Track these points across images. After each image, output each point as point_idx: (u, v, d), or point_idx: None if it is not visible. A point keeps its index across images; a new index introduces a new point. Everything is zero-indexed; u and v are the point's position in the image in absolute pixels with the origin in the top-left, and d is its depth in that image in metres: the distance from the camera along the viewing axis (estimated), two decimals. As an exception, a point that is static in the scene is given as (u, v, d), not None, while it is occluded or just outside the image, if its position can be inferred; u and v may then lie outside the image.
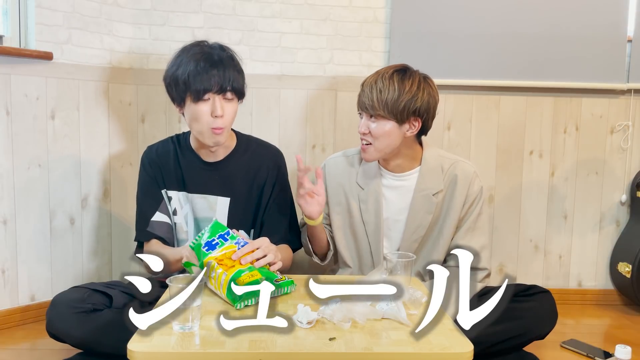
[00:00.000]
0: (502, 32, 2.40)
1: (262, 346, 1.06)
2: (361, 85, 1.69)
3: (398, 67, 1.67)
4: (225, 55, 1.59)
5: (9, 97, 2.03)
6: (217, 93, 1.54)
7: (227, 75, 1.54)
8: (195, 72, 1.53)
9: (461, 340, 1.12)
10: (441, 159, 1.75)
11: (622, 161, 2.52)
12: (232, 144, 1.72)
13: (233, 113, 1.59)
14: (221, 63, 1.55)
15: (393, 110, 1.61)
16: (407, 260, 1.40)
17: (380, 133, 1.64)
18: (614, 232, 2.55)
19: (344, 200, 1.78)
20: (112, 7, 2.28)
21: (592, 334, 2.20)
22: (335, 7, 2.39)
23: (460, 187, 1.72)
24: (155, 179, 1.70)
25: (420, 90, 1.62)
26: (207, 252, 1.35)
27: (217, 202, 1.69)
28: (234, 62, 1.59)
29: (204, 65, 1.53)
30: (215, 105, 1.54)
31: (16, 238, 2.09)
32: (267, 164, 1.73)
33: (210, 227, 1.41)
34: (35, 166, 2.12)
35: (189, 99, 1.56)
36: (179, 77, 1.55)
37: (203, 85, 1.52)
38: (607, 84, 2.43)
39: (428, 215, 1.73)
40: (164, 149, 1.73)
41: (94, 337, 1.46)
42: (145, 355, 1.04)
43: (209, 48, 1.59)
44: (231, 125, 1.63)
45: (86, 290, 1.53)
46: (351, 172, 1.79)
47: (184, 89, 1.55)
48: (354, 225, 1.79)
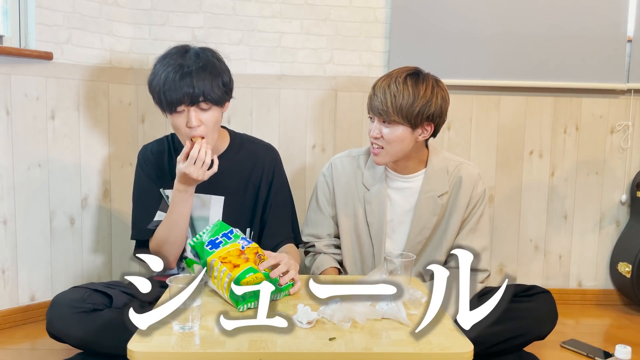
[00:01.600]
0: (503, 32, 2.40)
1: (262, 346, 1.06)
2: (372, 88, 1.66)
3: (410, 71, 1.64)
4: (199, 64, 1.52)
5: (9, 97, 2.03)
6: (190, 105, 1.51)
7: (198, 87, 1.49)
8: (165, 85, 1.50)
9: (461, 340, 1.12)
10: (446, 160, 1.75)
11: (622, 161, 2.52)
12: (224, 144, 1.71)
13: (213, 120, 1.56)
14: (191, 74, 1.50)
15: (407, 115, 1.59)
16: (407, 261, 1.40)
17: (393, 138, 1.62)
18: (614, 232, 2.55)
19: (350, 200, 1.78)
20: (112, 7, 2.28)
21: (592, 334, 2.20)
22: (335, 7, 2.39)
23: (464, 189, 1.72)
24: (152, 177, 1.70)
25: (434, 95, 1.61)
26: (211, 250, 1.34)
27: (211, 201, 1.68)
28: (207, 70, 1.53)
29: (173, 77, 1.50)
30: (189, 116, 1.52)
31: (16, 238, 2.09)
32: (262, 162, 1.72)
33: (214, 226, 1.40)
34: (35, 166, 2.12)
35: (169, 112, 1.55)
36: (154, 89, 1.55)
37: (173, 98, 1.50)
38: (607, 84, 2.43)
39: (433, 216, 1.73)
40: (158, 148, 1.73)
41: (94, 337, 1.46)
42: (145, 355, 1.04)
43: (181, 58, 1.54)
44: (215, 131, 1.60)
45: (86, 290, 1.53)
46: (357, 173, 1.78)
47: (158, 100, 1.55)
48: (357, 226, 1.79)
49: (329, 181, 1.81)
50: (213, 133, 1.58)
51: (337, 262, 1.81)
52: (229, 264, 1.31)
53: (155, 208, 1.68)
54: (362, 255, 1.81)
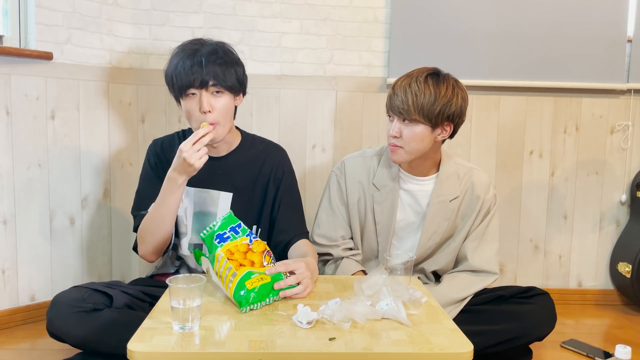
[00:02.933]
0: (503, 32, 2.40)
1: (262, 346, 1.06)
2: (392, 88, 1.66)
3: (430, 70, 1.64)
4: (209, 50, 1.57)
5: (9, 97, 2.03)
6: (200, 88, 1.54)
7: (208, 70, 1.54)
8: (177, 69, 1.56)
9: (461, 340, 1.12)
10: (457, 166, 1.76)
11: (622, 161, 2.52)
12: (236, 141, 1.73)
13: (225, 107, 1.58)
14: (202, 58, 1.54)
15: (428, 114, 1.59)
16: (407, 261, 1.40)
17: (413, 137, 1.62)
18: (614, 232, 2.55)
19: (361, 199, 1.78)
20: (112, 7, 2.28)
21: (592, 334, 2.20)
22: (335, 7, 2.39)
23: (475, 195, 1.73)
24: (157, 172, 1.70)
25: (454, 95, 1.61)
26: (219, 244, 1.33)
27: (219, 197, 1.69)
28: (219, 55, 1.57)
29: (183, 62, 1.55)
30: (201, 100, 1.55)
31: (16, 238, 2.09)
32: (271, 161, 1.74)
33: (223, 219, 1.38)
34: (35, 166, 2.12)
35: (180, 96, 1.59)
36: (168, 76, 1.60)
37: (184, 81, 1.54)
38: (607, 84, 2.44)
39: (444, 221, 1.73)
40: (169, 143, 1.75)
41: (94, 336, 1.46)
42: (145, 355, 1.04)
43: (196, 45, 1.60)
44: (228, 120, 1.61)
45: (86, 290, 1.53)
46: (369, 173, 1.78)
47: (172, 86, 1.60)
48: (365, 226, 1.79)
49: (340, 180, 1.80)
50: (225, 121, 1.60)
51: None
52: (235, 261, 1.30)
53: (153, 200, 1.69)
54: (365, 255, 1.81)
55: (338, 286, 1.46)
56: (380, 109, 2.40)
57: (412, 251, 1.74)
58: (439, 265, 1.77)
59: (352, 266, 1.76)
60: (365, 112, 2.45)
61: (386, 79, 2.42)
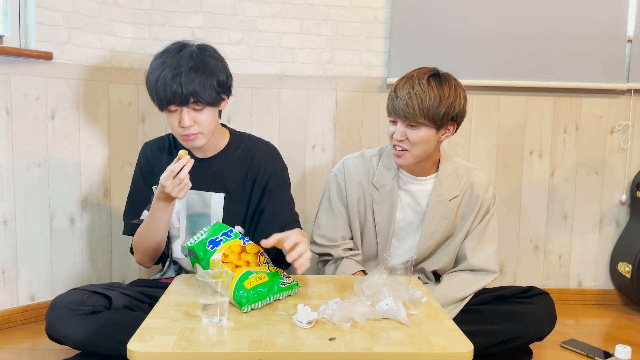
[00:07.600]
0: (502, 32, 2.40)
1: (262, 346, 1.06)
2: (393, 90, 1.63)
3: (431, 71, 1.63)
4: (191, 65, 1.51)
5: (9, 97, 2.03)
6: (181, 105, 1.51)
7: (188, 87, 1.48)
8: (157, 83, 1.51)
9: (461, 340, 1.12)
10: (456, 165, 1.75)
11: (622, 161, 2.52)
12: (223, 141, 1.70)
13: (207, 119, 1.55)
14: (181, 75, 1.49)
15: (434, 117, 1.58)
16: (407, 260, 1.40)
17: (419, 140, 1.61)
18: (614, 232, 2.55)
19: (360, 199, 1.78)
20: (112, 7, 2.28)
21: (592, 334, 2.20)
22: (335, 7, 2.39)
23: (475, 194, 1.73)
24: (146, 176, 1.71)
25: (457, 95, 1.61)
26: (212, 249, 1.34)
27: (211, 199, 1.68)
28: (199, 70, 1.51)
29: (164, 76, 1.50)
30: (182, 116, 1.52)
31: (16, 238, 2.09)
32: (259, 158, 1.70)
33: (212, 227, 1.40)
34: (35, 166, 2.12)
35: (161, 110, 1.56)
36: (149, 88, 1.56)
37: (164, 97, 1.51)
38: (607, 84, 2.43)
39: (444, 221, 1.73)
40: (159, 145, 1.74)
41: (93, 339, 1.46)
42: (145, 355, 1.04)
43: (176, 57, 1.53)
44: (210, 129, 1.58)
45: (85, 292, 1.53)
46: (368, 173, 1.77)
47: (153, 99, 1.56)
48: (364, 225, 1.79)
49: (340, 181, 1.79)
50: (208, 131, 1.58)
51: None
52: (231, 264, 1.31)
53: (143, 207, 1.70)
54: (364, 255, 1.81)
55: (338, 286, 1.46)
56: (381, 109, 2.40)
57: (411, 251, 1.74)
58: (439, 265, 1.77)
59: (352, 266, 1.76)
60: (365, 112, 2.45)
61: (386, 79, 2.42)
